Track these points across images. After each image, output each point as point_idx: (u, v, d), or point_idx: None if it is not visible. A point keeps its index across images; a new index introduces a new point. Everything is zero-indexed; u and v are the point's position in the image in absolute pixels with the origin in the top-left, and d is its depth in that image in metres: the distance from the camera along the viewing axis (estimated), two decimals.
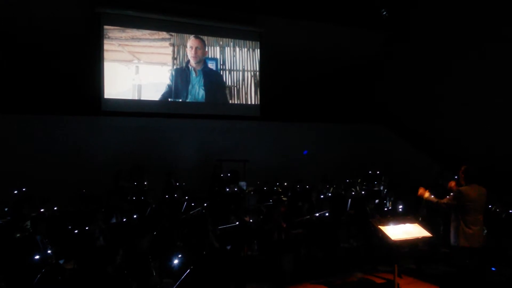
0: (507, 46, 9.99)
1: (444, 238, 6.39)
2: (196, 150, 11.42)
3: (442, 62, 11.62)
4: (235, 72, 12.35)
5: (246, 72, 12.49)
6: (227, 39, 12.17)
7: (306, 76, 12.81)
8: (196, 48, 11.73)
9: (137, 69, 11.08)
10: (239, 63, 12.39)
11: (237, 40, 12.31)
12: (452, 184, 5.09)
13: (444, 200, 4.84)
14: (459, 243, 4.64)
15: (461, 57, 11.03)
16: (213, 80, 12.01)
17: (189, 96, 11.71)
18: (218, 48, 12.10)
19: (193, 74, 11.72)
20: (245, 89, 12.51)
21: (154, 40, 11.31)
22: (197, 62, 11.77)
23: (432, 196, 4.95)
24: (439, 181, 9.02)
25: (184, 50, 11.64)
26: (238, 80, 12.38)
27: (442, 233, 6.58)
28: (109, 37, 10.75)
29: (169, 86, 11.44)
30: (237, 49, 12.35)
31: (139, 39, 11.13)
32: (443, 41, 11.52)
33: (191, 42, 11.69)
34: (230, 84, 12.29)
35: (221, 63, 12.13)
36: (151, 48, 11.28)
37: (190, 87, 11.70)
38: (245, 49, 12.46)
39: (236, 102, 12.38)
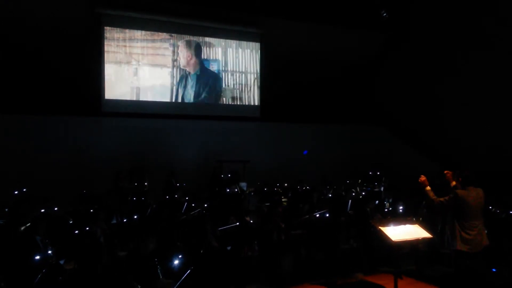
0: (507, 47, 10.01)
1: (442, 238, 6.40)
2: (196, 151, 11.43)
3: (442, 63, 11.64)
4: (236, 74, 12.36)
5: (246, 74, 12.50)
6: (229, 41, 12.19)
7: (306, 77, 12.82)
8: (190, 53, 11.71)
9: (137, 70, 11.09)
10: (240, 65, 12.40)
11: (238, 42, 12.32)
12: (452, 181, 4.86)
13: (441, 199, 4.76)
14: (456, 246, 4.58)
15: (461, 58, 11.05)
16: (214, 81, 12.02)
17: (190, 98, 11.71)
18: (220, 49, 12.11)
19: (194, 76, 11.73)
20: (246, 90, 12.52)
21: (154, 41, 11.32)
22: (197, 65, 11.77)
23: (432, 192, 4.89)
24: (437, 182, 8.99)
25: (184, 52, 11.65)
26: (238, 81, 12.39)
27: (439, 232, 6.58)
28: (109, 38, 10.76)
29: (170, 88, 11.45)
30: (239, 50, 12.36)
31: (139, 40, 11.13)
32: (443, 42, 11.54)
33: (185, 47, 11.66)
34: (230, 85, 12.30)
35: (223, 64, 12.15)
36: (151, 50, 11.29)
37: (190, 89, 11.71)
38: (247, 51, 12.47)
39: (236, 103, 12.39)
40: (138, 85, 11.11)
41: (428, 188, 4.88)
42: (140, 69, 11.11)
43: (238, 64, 12.37)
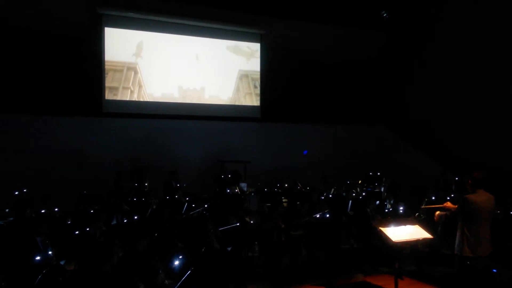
0: (508, 47, 9.99)
1: (443, 239, 6.40)
2: (197, 151, 11.42)
3: (440, 61, 11.63)
4: (236, 73, 12.36)
5: (247, 73, 12.50)
6: (229, 41, 12.18)
7: (307, 77, 12.82)
8: (190, 53, 11.71)
9: (137, 70, 11.09)
10: (240, 64, 12.39)
11: (238, 42, 12.32)
12: (448, 204, 4.88)
13: (452, 210, 4.72)
14: (462, 253, 4.53)
15: (463, 57, 11.03)
16: (214, 81, 12.02)
17: (190, 98, 11.71)
18: (219, 49, 12.10)
19: (194, 76, 11.72)
20: (246, 90, 12.52)
21: (154, 40, 11.31)
22: (197, 64, 11.78)
23: (442, 211, 4.88)
24: (440, 180, 9.00)
25: (184, 52, 11.64)
26: (239, 81, 12.39)
27: (439, 233, 6.58)
28: (109, 38, 10.75)
29: (169, 88, 11.45)
30: (238, 50, 12.35)
31: (139, 40, 11.12)
32: (441, 41, 11.53)
33: (185, 47, 11.66)
34: (231, 85, 12.29)
35: (223, 64, 12.14)
36: (151, 49, 11.28)
37: (191, 89, 11.71)
38: (246, 50, 12.47)
39: (237, 103, 12.39)
40: (138, 85, 11.11)
41: (437, 212, 4.95)
42: (140, 69, 11.10)
43: (238, 64, 12.36)
